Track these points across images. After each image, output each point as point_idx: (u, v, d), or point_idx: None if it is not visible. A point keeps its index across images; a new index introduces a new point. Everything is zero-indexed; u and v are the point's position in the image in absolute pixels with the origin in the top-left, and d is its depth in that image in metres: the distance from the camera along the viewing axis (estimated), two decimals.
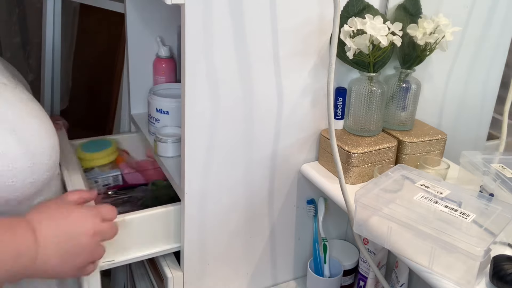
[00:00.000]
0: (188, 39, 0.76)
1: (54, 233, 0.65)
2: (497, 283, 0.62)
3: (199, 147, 0.84)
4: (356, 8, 0.86)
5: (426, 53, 0.87)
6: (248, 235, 0.98)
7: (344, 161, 0.86)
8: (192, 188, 0.87)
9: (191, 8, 0.74)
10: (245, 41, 0.80)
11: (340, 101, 0.92)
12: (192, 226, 0.90)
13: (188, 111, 0.81)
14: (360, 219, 0.73)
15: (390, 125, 0.94)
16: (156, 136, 0.99)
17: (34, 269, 0.63)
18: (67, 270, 0.68)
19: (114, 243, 0.87)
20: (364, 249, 0.86)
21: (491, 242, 0.60)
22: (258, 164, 0.92)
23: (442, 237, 0.62)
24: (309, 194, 1.01)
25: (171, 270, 0.95)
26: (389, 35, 0.81)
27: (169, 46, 1.15)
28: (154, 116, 1.05)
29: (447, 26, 0.84)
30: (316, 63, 0.88)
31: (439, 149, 0.91)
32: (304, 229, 1.05)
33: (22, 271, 0.62)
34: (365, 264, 1.01)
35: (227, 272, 0.99)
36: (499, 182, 0.75)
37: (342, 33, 0.83)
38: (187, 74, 0.78)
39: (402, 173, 0.77)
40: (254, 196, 0.94)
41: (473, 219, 0.65)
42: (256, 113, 0.87)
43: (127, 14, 1.12)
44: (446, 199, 0.70)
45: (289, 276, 1.09)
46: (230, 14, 0.77)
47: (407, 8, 0.90)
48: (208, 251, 0.95)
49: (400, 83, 0.91)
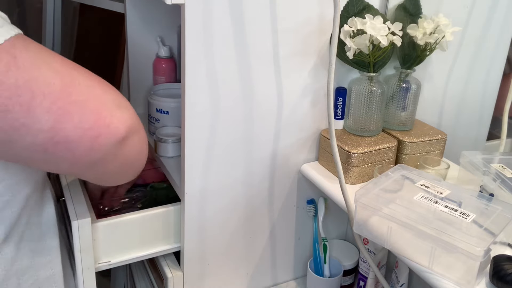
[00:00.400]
0: (188, 39, 0.76)
1: None
2: (497, 283, 0.62)
3: (199, 147, 0.84)
4: (356, 8, 0.86)
5: (426, 53, 0.87)
6: (248, 235, 0.98)
7: (344, 161, 0.86)
8: (192, 188, 0.87)
9: (191, 8, 0.74)
10: (245, 41, 0.80)
11: (340, 101, 0.92)
12: (192, 226, 0.90)
13: (188, 111, 0.81)
14: (360, 219, 0.73)
15: (390, 125, 0.94)
16: (157, 136, 0.99)
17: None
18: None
19: (114, 243, 0.87)
20: (364, 249, 0.86)
21: (491, 242, 0.60)
22: (258, 164, 0.92)
23: (442, 237, 0.62)
24: (309, 194, 1.01)
25: (171, 270, 0.95)
26: (389, 35, 0.81)
27: (169, 46, 1.15)
28: (154, 116, 1.05)
29: (447, 26, 0.84)
30: (316, 63, 0.88)
31: (439, 149, 0.91)
32: (304, 229, 1.05)
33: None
34: (365, 264, 1.01)
35: (227, 272, 0.99)
36: (499, 182, 0.75)
37: (342, 33, 0.83)
38: (187, 74, 0.78)
39: (402, 173, 0.77)
40: (254, 196, 0.94)
41: (473, 219, 0.65)
42: (256, 113, 0.87)
43: (127, 14, 1.11)
44: (446, 199, 0.70)
45: (289, 276, 1.09)
46: (230, 14, 0.77)
47: (407, 8, 0.90)
48: (208, 251, 0.95)
49: (400, 83, 0.91)
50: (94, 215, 0.86)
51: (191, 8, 0.74)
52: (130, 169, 0.66)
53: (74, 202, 0.86)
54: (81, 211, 0.83)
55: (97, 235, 0.85)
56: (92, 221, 0.83)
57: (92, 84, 0.55)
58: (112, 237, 0.86)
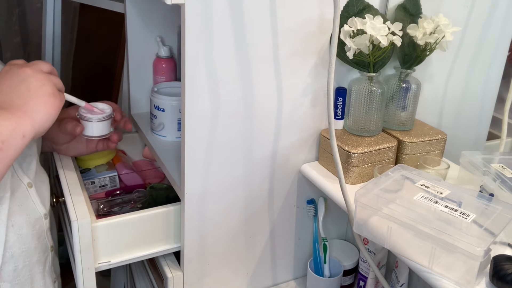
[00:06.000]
0: (188, 39, 0.76)
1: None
2: (497, 283, 0.62)
3: (199, 147, 0.84)
4: (356, 8, 0.86)
5: (426, 53, 0.87)
6: (248, 235, 0.98)
7: (344, 161, 0.86)
8: (192, 188, 0.87)
9: (191, 8, 0.74)
10: (245, 41, 0.80)
11: (340, 101, 0.92)
12: (192, 226, 0.90)
13: (188, 111, 0.81)
14: (360, 219, 0.73)
15: (390, 125, 0.94)
16: (79, 114, 0.91)
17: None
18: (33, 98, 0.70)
19: (114, 243, 0.87)
20: (364, 249, 0.86)
21: (491, 242, 0.60)
22: (258, 164, 0.92)
23: (442, 237, 0.62)
24: (309, 194, 1.01)
25: (171, 270, 0.95)
26: (389, 35, 0.81)
27: (169, 46, 1.15)
28: (153, 113, 1.06)
29: (447, 26, 0.84)
30: (316, 63, 0.88)
31: (439, 149, 0.91)
32: (304, 229, 1.05)
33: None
34: (365, 264, 1.01)
35: (227, 272, 0.99)
36: (499, 182, 0.75)
37: (342, 33, 0.83)
38: (187, 74, 0.78)
39: (402, 173, 0.77)
40: (254, 196, 0.94)
41: (473, 219, 0.65)
42: (256, 113, 0.87)
43: (127, 14, 1.11)
44: (446, 199, 0.70)
45: (289, 276, 1.09)
46: (230, 14, 0.77)
47: (407, 8, 0.90)
48: (208, 251, 0.95)
49: (400, 83, 0.91)
50: (94, 215, 0.86)
51: (191, 8, 0.74)
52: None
53: (74, 202, 0.86)
54: (81, 211, 0.83)
55: (97, 235, 0.85)
56: (92, 221, 0.83)
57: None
58: (112, 237, 0.86)
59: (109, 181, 1.10)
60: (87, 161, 1.10)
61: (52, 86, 0.73)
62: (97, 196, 1.07)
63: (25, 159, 0.82)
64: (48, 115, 0.71)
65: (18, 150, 0.67)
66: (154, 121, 1.06)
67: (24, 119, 0.68)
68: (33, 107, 0.69)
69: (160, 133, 1.06)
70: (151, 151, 1.07)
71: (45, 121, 0.71)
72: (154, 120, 1.06)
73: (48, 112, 0.71)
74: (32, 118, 0.69)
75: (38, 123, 0.70)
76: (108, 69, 1.57)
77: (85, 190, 0.92)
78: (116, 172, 1.11)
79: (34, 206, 0.82)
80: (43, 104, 0.71)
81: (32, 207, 0.81)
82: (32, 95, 0.70)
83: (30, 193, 0.81)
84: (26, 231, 0.79)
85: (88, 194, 0.94)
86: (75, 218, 0.81)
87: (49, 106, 0.71)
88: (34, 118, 0.69)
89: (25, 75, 0.71)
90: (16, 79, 0.71)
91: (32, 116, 0.69)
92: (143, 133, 1.11)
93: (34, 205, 0.82)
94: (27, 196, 0.80)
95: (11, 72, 0.71)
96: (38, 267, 0.83)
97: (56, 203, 0.94)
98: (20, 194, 0.79)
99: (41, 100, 0.71)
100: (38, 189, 0.84)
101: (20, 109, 0.68)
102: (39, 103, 0.70)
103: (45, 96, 0.71)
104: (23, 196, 0.79)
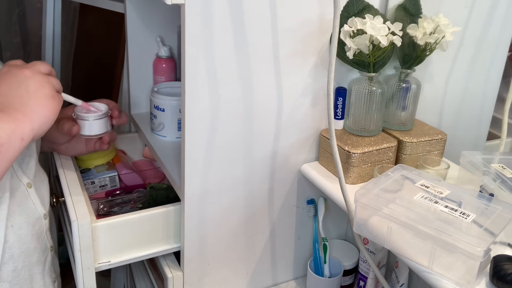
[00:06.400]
0: (188, 39, 0.76)
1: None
2: (497, 283, 0.62)
3: (199, 147, 0.84)
4: (356, 8, 0.86)
5: (426, 53, 0.87)
6: (248, 235, 0.98)
7: (344, 161, 0.86)
8: (192, 188, 0.87)
9: (191, 8, 0.74)
10: (245, 41, 0.80)
11: (340, 101, 0.92)
12: (192, 226, 0.90)
13: (188, 111, 0.81)
14: (360, 219, 0.73)
15: (390, 125, 0.94)
16: (76, 114, 0.90)
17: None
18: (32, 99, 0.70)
19: (114, 243, 0.87)
20: (364, 249, 0.86)
21: (491, 242, 0.60)
22: (258, 164, 0.92)
23: (442, 237, 0.62)
24: (309, 194, 1.01)
25: (171, 270, 0.95)
26: (389, 35, 0.81)
27: (169, 46, 1.15)
28: (153, 113, 1.06)
29: (447, 26, 0.84)
30: (316, 63, 0.88)
31: (439, 149, 0.91)
32: (304, 229, 1.05)
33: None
34: (365, 264, 1.01)
35: (227, 272, 0.99)
36: (499, 182, 0.75)
37: (342, 33, 0.83)
38: (187, 74, 0.78)
39: (402, 173, 0.77)
40: (254, 196, 0.94)
41: (473, 219, 0.65)
42: (256, 113, 0.87)
43: (127, 14, 1.11)
44: (446, 199, 0.70)
45: (289, 276, 1.09)
46: (230, 14, 0.77)
47: (407, 8, 0.90)
48: (208, 251, 0.95)
49: (400, 83, 0.91)
50: (94, 216, 0.86)
51: (191, 8, 0.74)
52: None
53: (74, 202, 0.86)
54: (81, 211, 0.83)
55: (97, 235, 0.85)
56: (92, 221, 0.83)
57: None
58: (112, 237, 0.86)
59: (109, 181, 1.10)
60: (87, 161, 1.10)
61: (51, 87, 0.73)
62: (97, 196, 1.07)
63: (24, 159, 0.82)
64: (47, 117, 0.71)
65: (17, 152, 0.67)
66: (154, 121, 1.06)
67: (23, 122, 0.68)
68: (32, 109, 0.69)
69: (160, 133, 1.06)
70: (151, 151, 1.07)
71: (44, 123, 0.71)
72: (154, 120, 1.06)
73: (47, 114, 0.71)
74: (31, 120, 0.69)
75: (37, 125, 0.70)
76: (108, 69, 1.57)
77: (85, 190, 0.92)
78: (116, 172, 1.11)
79: (34, 206, 0.82)
80: (42, 106, 0.70)
81: (32, 207, 0.81)
82: (31, 97, 0.70)
83: (30, 193, 0.81)
84: (25, 231, 0.79)
85: (88, 194, 0.94)
86: (75, 218, 0.81)
87: (48, 108, 0.71)
88: (33, 120, 0.69)
89: (23, 76, 0.71)
90: (15, 80, 0.70)
91: (31, 118, 0.69)
92: (143, 133, 1.11)
93: (34, 205, 0.82)
94: (26, 196, 0.80)
95: (9, 73, 0.71)
96: (37, 267, 0.83)
97: (56, 203, 0.94)
98: (20, 194, 0.79)
99: (40, 102, 0.70)
100: (38, 189, 0.84)
101: (19, 111, 0.68)
102: (38, 105, 0.70)
103: (44, 98, 0.71)
104: (22, 196, 0.79)
